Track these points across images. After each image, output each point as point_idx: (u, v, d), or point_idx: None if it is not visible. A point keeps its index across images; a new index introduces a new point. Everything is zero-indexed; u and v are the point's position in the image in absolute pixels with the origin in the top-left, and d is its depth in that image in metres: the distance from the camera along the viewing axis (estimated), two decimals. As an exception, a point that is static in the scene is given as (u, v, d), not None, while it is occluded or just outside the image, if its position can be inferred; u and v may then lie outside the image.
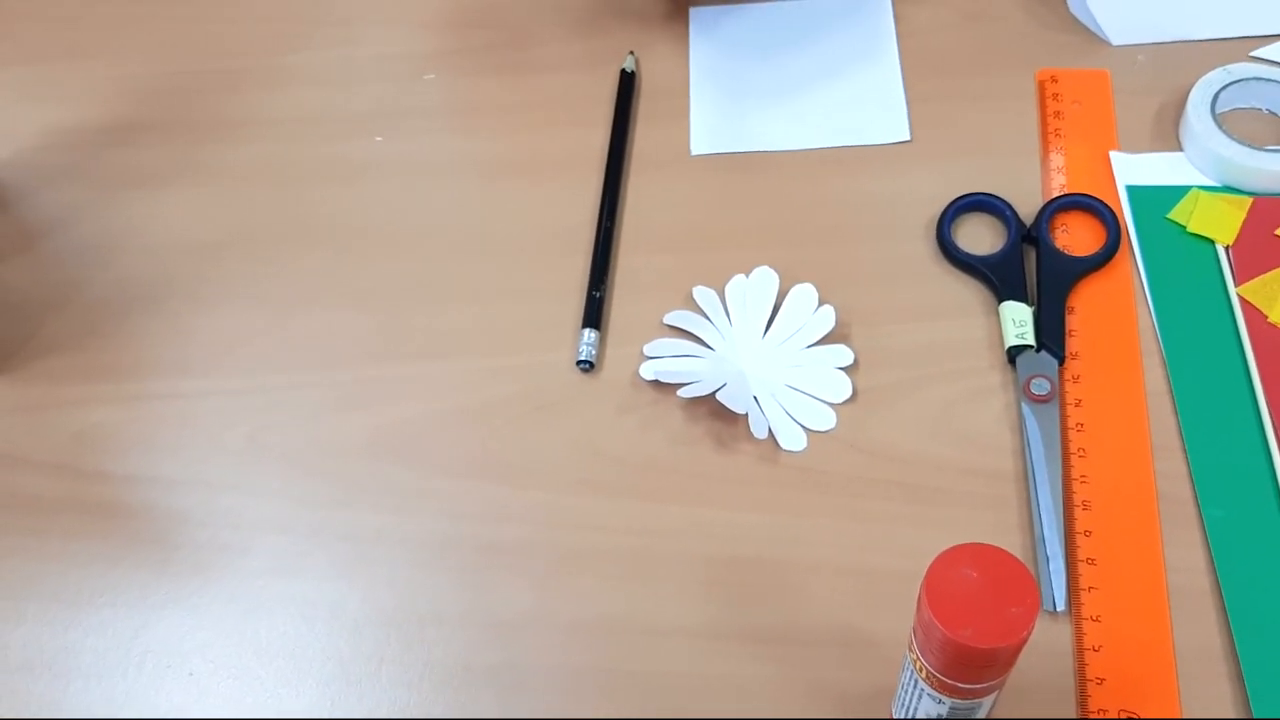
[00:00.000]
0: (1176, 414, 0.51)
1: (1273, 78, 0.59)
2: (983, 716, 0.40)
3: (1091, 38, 0.63)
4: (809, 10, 0.66)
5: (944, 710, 0.39)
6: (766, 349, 0.54)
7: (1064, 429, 0.51)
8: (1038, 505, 0.49)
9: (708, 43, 0.65)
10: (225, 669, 0.48)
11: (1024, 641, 0.35)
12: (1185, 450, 0.50)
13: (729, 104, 0.62)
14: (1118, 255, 0.55)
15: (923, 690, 0.39)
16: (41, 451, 0.54)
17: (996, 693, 0.38)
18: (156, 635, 0.49)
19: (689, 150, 0.61)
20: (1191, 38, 0.63)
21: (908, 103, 0.61)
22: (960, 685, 0.37)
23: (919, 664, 0.38)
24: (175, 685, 0.48)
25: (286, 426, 0.54)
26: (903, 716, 0.42)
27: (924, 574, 0.36)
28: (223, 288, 0.58)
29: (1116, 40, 0.63)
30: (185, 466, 0.53)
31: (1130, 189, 0.58)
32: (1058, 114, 0.60)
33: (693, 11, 0.66)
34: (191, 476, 0.53)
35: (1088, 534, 0.48)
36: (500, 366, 0.55)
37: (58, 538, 0.51)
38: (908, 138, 0.60)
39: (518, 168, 0.61)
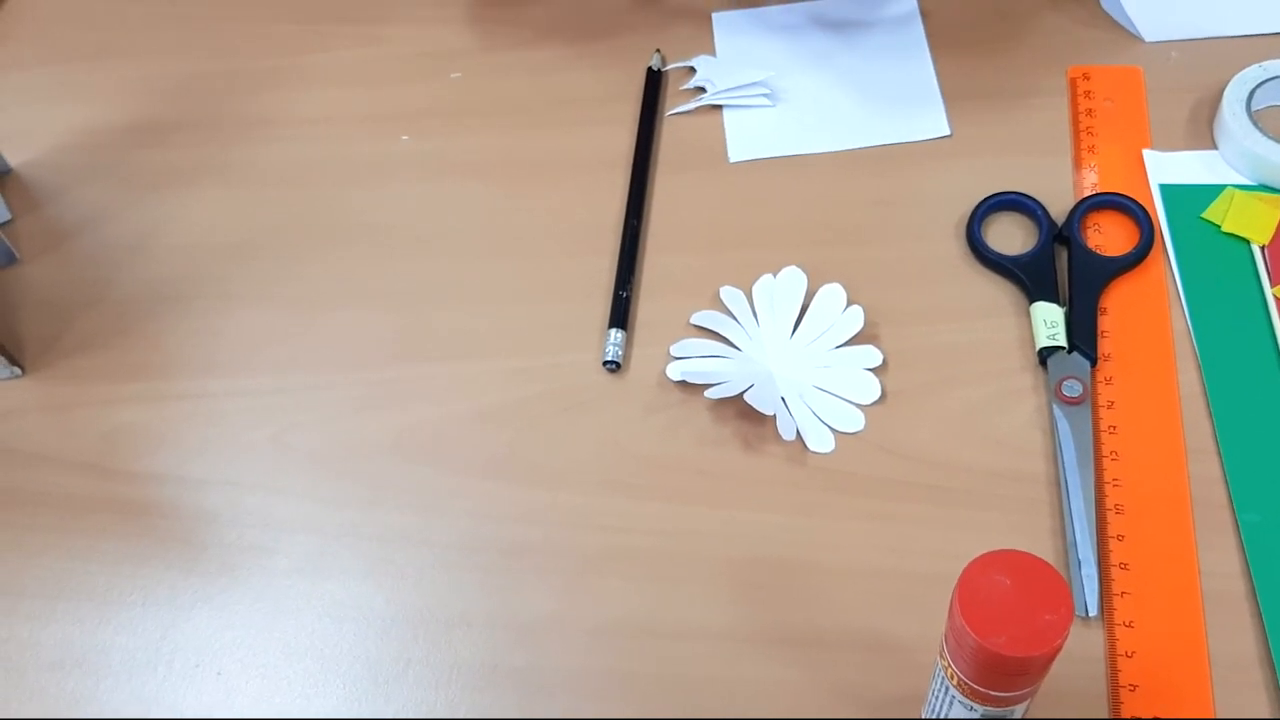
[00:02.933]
0: (1211, 416, 0.50)
1: (1310, 75, 0.58)
2: (1014, 723, 0.40)
3: (1124, 34, 0.62)
4: (830, 10, 0.65)
5: (975, 716, 0.39)
6: (794, 350, 0.54)
7: (1096, 431, 0.50)
8: (1069, 509, 0.48)
9: (733, 48, 0.64)
10: (253, 668, 0.48)
11: (1057, 650, 0.34)
12: (1220, 453, 0.49)
13: (763, 109, 0.62)
14: (1151, 255, 0.55)
15: (954, 697, 0.38)
16: (70, 451, 0.54)
17: (1029, 700, 0.38)
18: (185, 634, 0.49)
19: (721, 152, 0.60)
20: (1225, 34, 0.62)
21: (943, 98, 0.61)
22: (992, 693, 0.37)
23: (950, 670, 0.37)
24: (204, 684, 0.48)
25: (313, 426, 0.54)
26: (933, 722, 0.41)
27: (956, 579, 0.35)
28: (250, 287, 0.58)
29: (1149, 37, 0.62)
30: (213, 466, 0.53)
31: (1164, 188, 0.57)
32: (1090, 112, 0.60)
33: (715, 16, 0.66)
34: (219, 476, 0.53)
35: (1120, 538, 0.48)
36: (526, 367, 0.54)
37: (87, 537, 0.52)
38: (948, 132, 0.59)
39: (544, 167, 0.61)
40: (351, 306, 0.57)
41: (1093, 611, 0.46)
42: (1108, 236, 0.56)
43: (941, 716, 0.40)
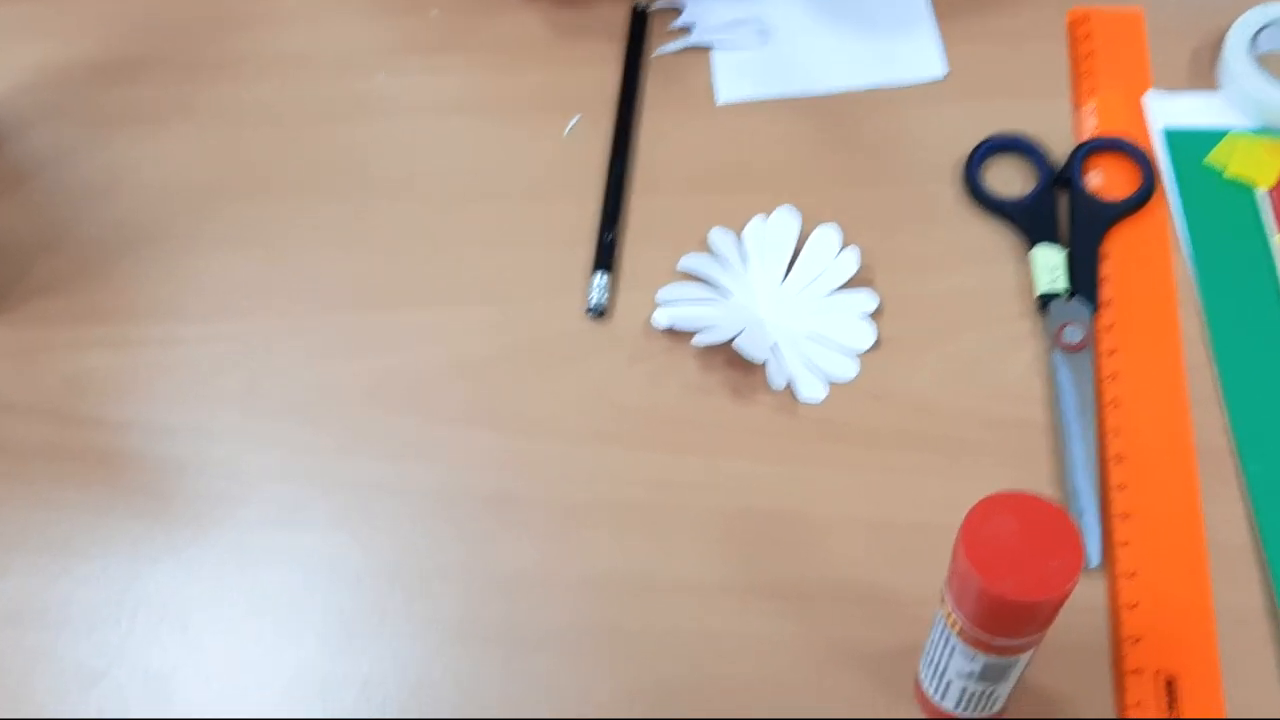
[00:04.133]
0: (1214, 363, 0.49)
1: (1317, 16, 0.56)
2: (1017, 675, 0.38)
3: (1126, -25, 0.61)
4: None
5: (976, 667, 0.37)
6: (786, 295, 0.52)
7: (1097, 379, 0.49)
8: (1070, 458, 0.47)
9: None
10: (221, 621, 0.46)
11: (1066, 595, 0.33)
12: (1224, 401, 0.48)
13: (755, 49, 0.60)
14: (1153, 200, 0.53)
15: (955, 646, 0.37)
16: (32, 397, 0.52)
17: (1033, 650, 0.36)
18: (150, 586, 0.47)
19: (709, 93, 0.58)
20: (1230, -24, 0.60)
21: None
22: (996, 641, 0.35)
23: (952, 619, 0.36)
24: (169, 638, 0.46)
25: (285, 373, 0.52)
26: (931, 674, 0.40)
27: (953, 530, 0.34)
28: (220, 229, 0.56)
29: (1152, -22, 0.60)
30: (180, 413, 0.51)
31: (1166, 132, 0.55)
32: (1090, 54, 0.58)
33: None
34: (187, 424, 0.51)
35: (1122, 488, 0.46)
36: (507, 312, 0.52)
37: (48, 486, 0.49)
38: (944, 73, 0.58)
39: (526, 107, 0.59)
40: (326, 249, 0.55)
41: (1095, 562, 0.45)
42: (1109, 180, 0.54)
43: (941, 669, 0.39)
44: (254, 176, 0.58)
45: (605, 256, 0.53)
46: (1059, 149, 0.55)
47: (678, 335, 0.51)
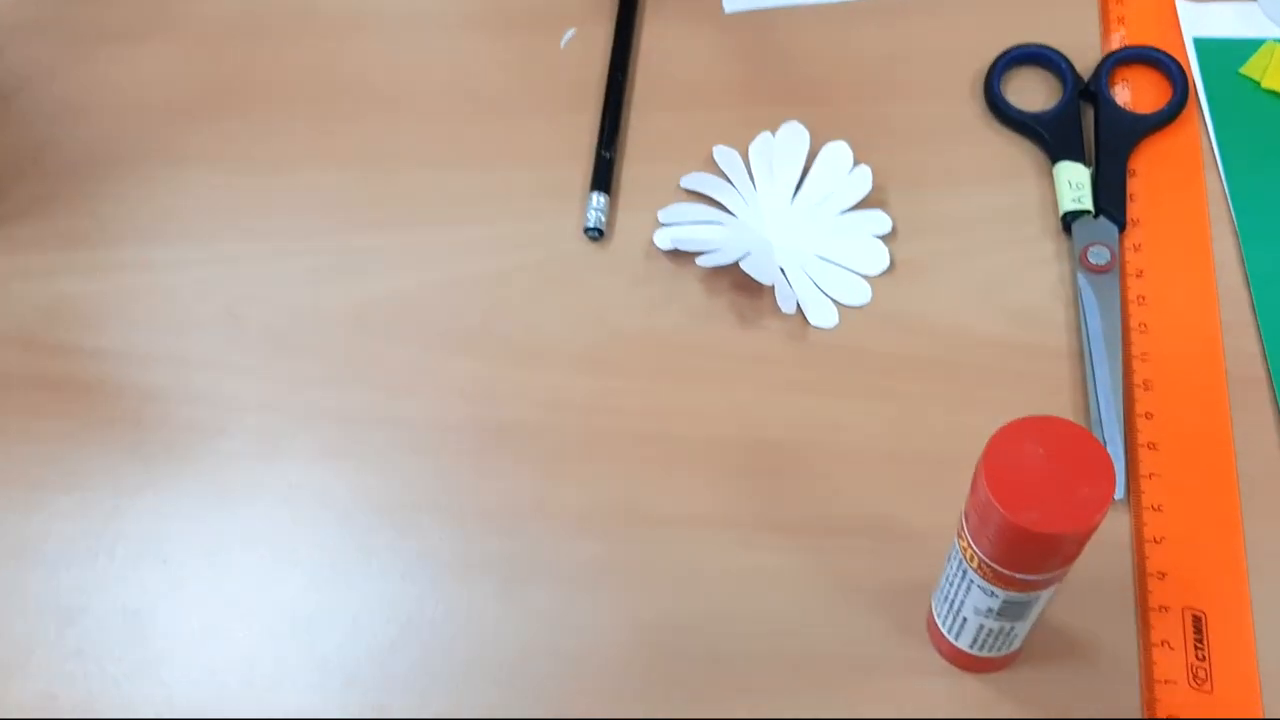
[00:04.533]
0: (1248, 286, 0.46)
1: (1363, -84, 0.53)
2: (1038, 613, 0.36)
3: (1158, -125, 0.57)
4: None
5: (995, 604, 0.35)
6: (795, 215, 0.49)
7: (1124, 302, 0.46)
8: (1094, 385, 0.44)
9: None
10: (202, 557, 0.44)
11: (1095, 527, 0.31)
12: (1257, 326, 0.45)
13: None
14: (1184, 113, 0.50)
15: (973, 581, 0.34)
16: (5, 325, 0.49)
17: (1055, 586, 0.34)
18: (128, 521, 0.45)
19: (715, 0, 0.55)
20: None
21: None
22: (1018, 576, 0.33)
23: (970, 552, 0.34)
24: (149, 574, 0.44)
25: (268, 298, 0.49)
26: (945, 611, 0.38)
27: (970, 460, 0.31)
28: (200, 150, 0.53)
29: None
30: (160, 341, 0.49)
31: (1198, 41, 0.52)
32: (1119, -40, 0.55)
33: None
34: (166, 352, 0.48)
35: (1149, 416, 0.44)
36: (501, 234, 0.50)
37: (22, 416, 0.47)
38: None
39: (522, 17, 0.56)
40: (311, 169, 0.52)
41: (1119, 494, 0.42)
42: (1138, 92, 0.51)
43: (956, 605, 0.37)
44: (238, 93, 0.55)
45: (604, 175, 0.50)
46: (1085, 60, 0.52)
47: (680, 257, 0.49)
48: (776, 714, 0.40)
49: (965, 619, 0.37)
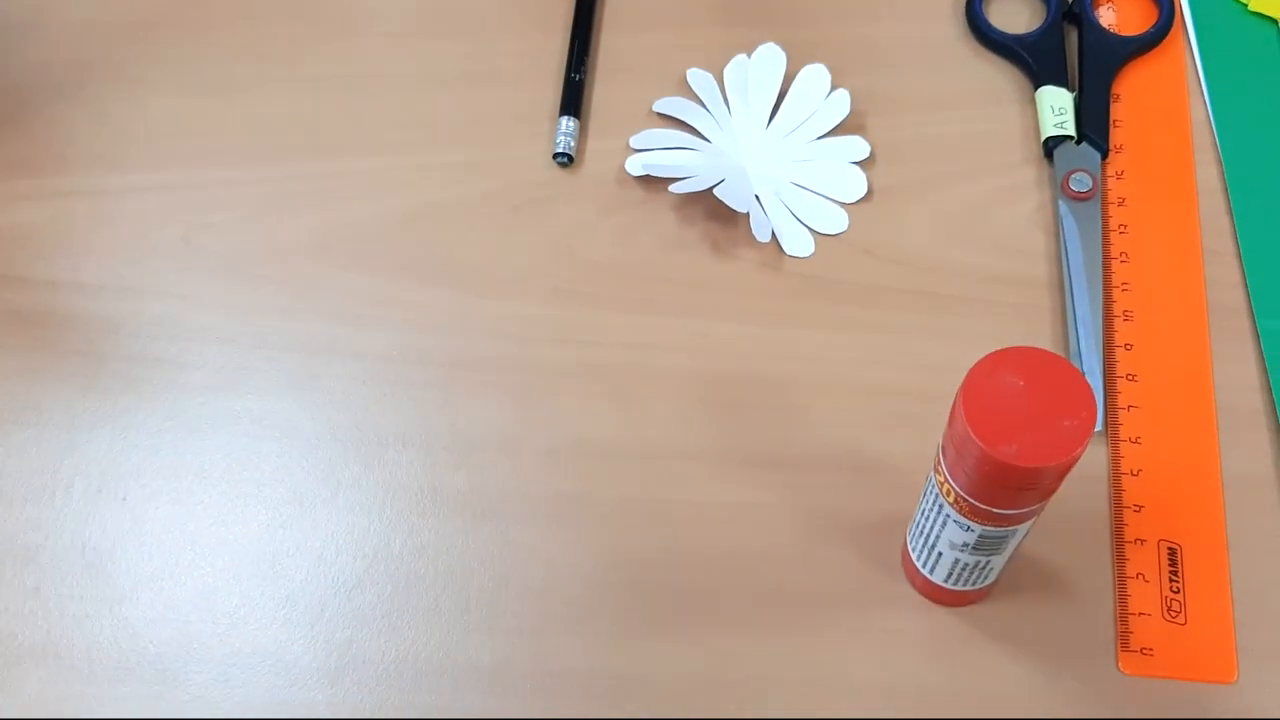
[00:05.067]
0: (1231, 215, 0.46)
1: None
2: (1014, 547, 0.35)
3: None
4: None
5: (971, 539, 0.34)
6: (770, 140, 0.48)
7: (1105, 231, 0.45)
8: (1074, 315, 0.43)
9: None
10: (163, 493, 0.43)
11: (1074, 461, 0.30)
12: (1240, 255, 0.45)
13: None
14: (1170, 36, 0.49)
15: (949, 516, 0.34)
16: (-48, 254, 0.48)
17: (1033, 520, 0.34)
18: (85, 456, 0.44)
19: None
20: None
21: None
22: (995, 510, 0.32)
23: (946, 486, 0.33)
24: (108, 511, 0.43)
25: (226, 226, 0.48)
26: (920, 545, 0.37)
27: (947, 392, 0.30)
28: (153, 71, 0.51)
29: None
30: (113, 270, 0.47)
31: (1186, -39, 0.51)
32: (1106, -124, 0.53)
33: None
34: (120, 282, 0.47)
35: (1129, 347, 0.43)
36: (466, 160, 0.48)
37: (-28, 350, 0.46)
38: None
39: (488, -65, 0.53)
40: (269, 91, 0.50)
41: (1097, 427, 0.42)
42: (1123, 14, 0.50)
43: (931, 540, 0.36)
44: (188, 11, 0.53)
45: (573, 99, 0.48)
46: (1070, -19, 0.50)
47: (653, 184, 0.47)
48: (747, 647, 0.39)
49: (940, 553, 0.36)
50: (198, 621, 0.41)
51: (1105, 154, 0.46)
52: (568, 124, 0.48)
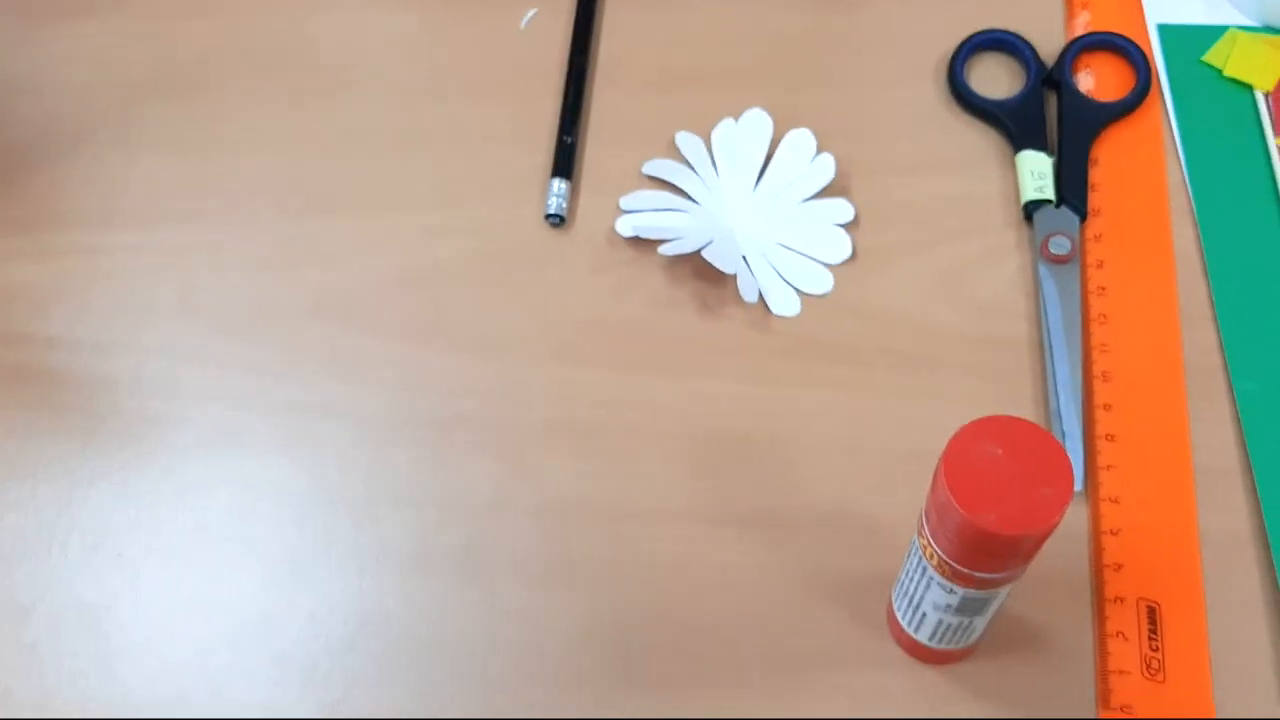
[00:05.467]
0: (1207, 278, 0.47)
1: (1325, -96, 0.53)
2: (996, 608, 0.36)
3: None
4: None
5: (954, 600, 0.35)
6: (757, 202, 0.49)
7: (1084, 293, 0.46)
8: (1054, 376, 0.44)
9: None
10: (158, 550, 0.43)
11: (1053, 528, 0.31)
12: (1216, 318, 0.46)
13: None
14: (1147, 101, 0.50)
15: (932, 579, 0.35)
16: (-49, 312, 0.48)
17: (1014, 582, 0.34)
18: (82, 513, 0.44)
19: (673, -19, 0.55)
20: None
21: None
22: (976, 574, 0.33)
23: (929, 550, 0.34)
24: (104, 567, 0.43)
25: (223, 285, 0.48)
26: (905, 606, 0.38)
27: (929, 452, 0.31)
28: (153, 130, 0.52)
29: None
30: (111, 329, 0.48)
31: (1162, 28, 0.52)
32: (1083, -56, 0.54)
33: None
34: (118, 340, 0.47)
35: (1108, 408, 0.44)
36: (460, 221, 0.49)
37: (-30, 407, 0.46)
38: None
39: (481, -1, 0.55)
40: (265, 152, 0.51)
41: (1077, 487, 0.43)
42: (1101, 80, 0.51)
43: (916, 601, 0.37)
44: (188, 73, 0.54)
45: (565, 160, 0.50)
46: (1049, 46, 0.52)
47: (642, 245, 0.48)
48: (735, 706, 0.40)
49: (925, 614, 0.37)
50: (191, 679, 0.41)
51: (1084, 217, 0.48)
52: (559, 185, 0.49)
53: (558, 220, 0.49)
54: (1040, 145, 0.49)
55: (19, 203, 0.51)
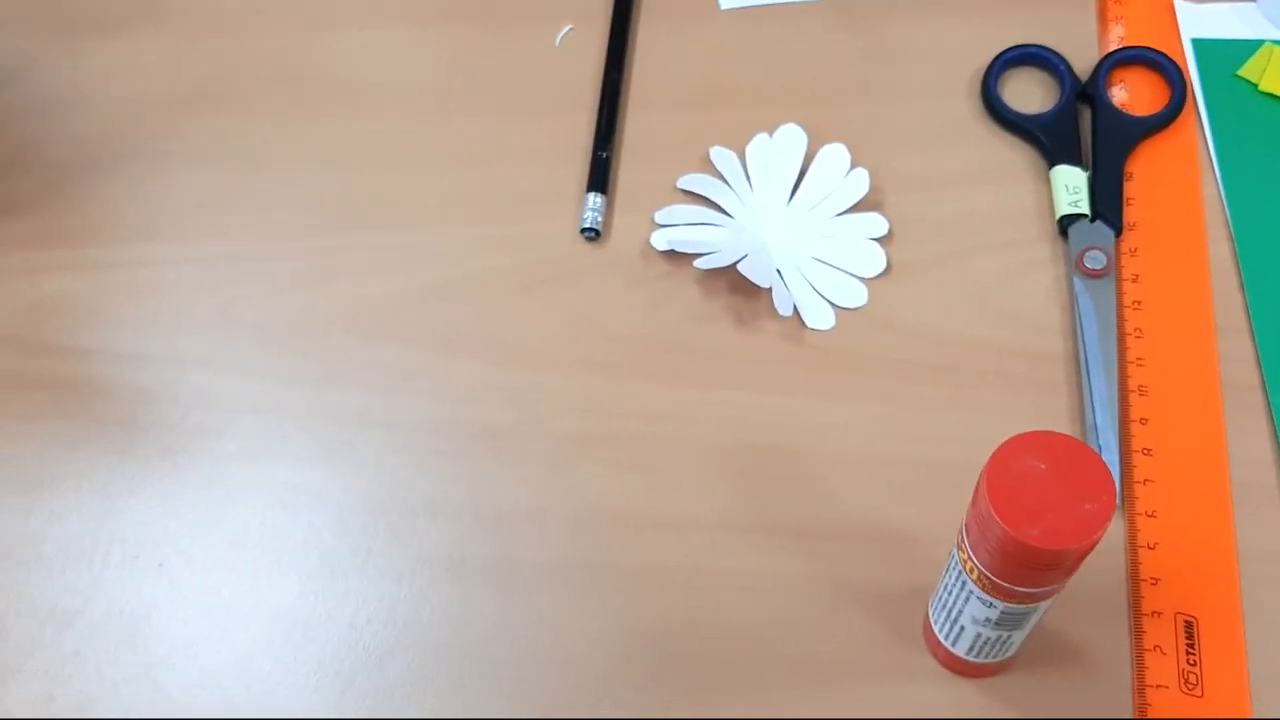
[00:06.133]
0: (1243, 292, 0.47)
1: (1360, -82, 0.53)
2: (1035, 622, 0.36)
3: (1156, -126, 0.57)
4: None
5: (994, 615, 0.35)
6: (792, 217, 0.49)
7: (1120, 307, 0.46)
8: (1090, 390, 0.44)
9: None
10: (198, 560, 0.44)
11: (1095, 543, 0.31)
12: (1252, 331, 0.46)
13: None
14: (1182, 115, 0.50)
15: (972, 592, 0.35)
16: (-5, 323, 0.49)
17: (1054, 597, 0.34)
18: (123, 523, 0.45)
19: (708, -2, 0.55)
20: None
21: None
22: (1017, 589, 0.33)
23: (970, 564, 0.34)
24: (144, 576, 0.44)
25: (262, 298, 0.49)
26: (943, 619, 0.38)
27: (965, 465, 0.32)
28: (193, 146, 0.53)
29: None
30: (152, 341, 0.48)
31: (1196, 42, 0.52)
32: (1117, -41, 0.54)
33: None
34: (158, 351, 0.48)
35: (1144, 422, 0.44)
36: (497, 235, 0.50)
37: (14, 418, 0.47)
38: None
39: (516, 14, 0.55)
40: (304, 167, 0.52)
41: (1114, 500, 0.42)
42: (1135, 94, 0.51)
43: (954, 614, 0.37)
44: (227, 89, 0.54)
45: (600, 175, 0.50)
46: (1083, 61, 0.52)
47: (677, 259, 0.49)
48: (772, 715, 0.40)
49: (963, 627, 0.37)
50: (231, 688, 0.42)
51: (1119, 231, 0.48)
52: (595, 200, 0.49)
53: (593, 234, 0.49)
54: (1075, 160, 0.49)
55: (60, 216, 0.51)
